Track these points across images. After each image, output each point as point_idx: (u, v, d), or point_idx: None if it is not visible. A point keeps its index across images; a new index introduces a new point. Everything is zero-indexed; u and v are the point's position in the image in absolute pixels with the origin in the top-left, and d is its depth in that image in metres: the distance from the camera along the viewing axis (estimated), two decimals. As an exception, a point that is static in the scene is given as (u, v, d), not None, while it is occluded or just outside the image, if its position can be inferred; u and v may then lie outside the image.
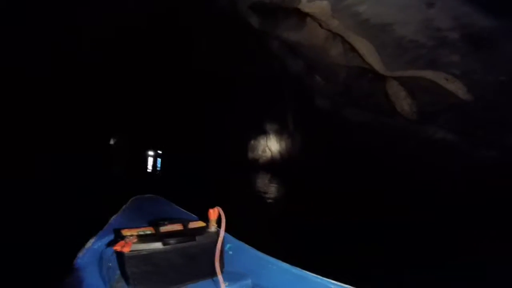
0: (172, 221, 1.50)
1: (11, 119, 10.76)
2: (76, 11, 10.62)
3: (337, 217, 6.19)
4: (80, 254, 1.37)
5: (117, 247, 1.22)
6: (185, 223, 1.50)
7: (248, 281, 1.47)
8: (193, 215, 2.02)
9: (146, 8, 13.03)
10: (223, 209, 1.44)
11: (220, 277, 1.30)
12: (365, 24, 7.45)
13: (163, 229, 1.41)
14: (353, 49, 8.08)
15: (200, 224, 1.56)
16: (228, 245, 1.64)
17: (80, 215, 3.93)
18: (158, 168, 14.90)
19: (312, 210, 6.97)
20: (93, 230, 1.65)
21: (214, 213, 1.47)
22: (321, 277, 1.37)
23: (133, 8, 12.61)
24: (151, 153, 22.71)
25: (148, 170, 13.78)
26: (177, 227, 1.47)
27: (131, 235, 1.29)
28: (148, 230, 1.39)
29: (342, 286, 1.33)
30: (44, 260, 2.49)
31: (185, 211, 2.18)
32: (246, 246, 1.67)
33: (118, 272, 1.36)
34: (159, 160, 20.13)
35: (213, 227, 1.50)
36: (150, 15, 13.58)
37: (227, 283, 1.34)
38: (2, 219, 3.64)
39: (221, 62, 14.48)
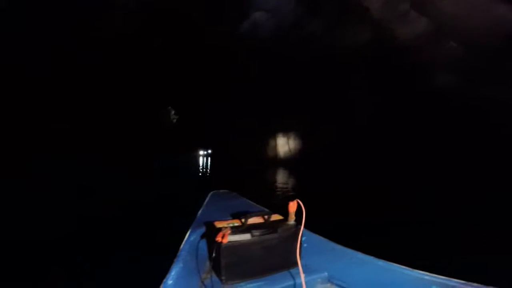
0: (254, 214, 1.43)
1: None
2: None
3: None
4: (181, 246, 1.46)
5: (218, 238, 1.24)
6: (265, 216, 1.43)
7: (325, 273, 1.38)
8: (265, 209, 1.88)
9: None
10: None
11: (300, 268, 1.23)
12: None
13: (249, 221, 1.38)
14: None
15: (278, 217, 1.48)
16: (303, 238, 1.47)
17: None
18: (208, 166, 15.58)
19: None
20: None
21: (293, 205, 1.38)
22: (410, 268, 1.22)
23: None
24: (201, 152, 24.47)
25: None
26: (259, 219, 1.43)
27: (224, 227, 1.31)
28: (235, 223, 1.39)
29: (442, 278, 1.15)
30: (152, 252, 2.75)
31: (256, 204, 2.19)
32: (321, 238, 1.59)
33: (208, 263, 1.37)
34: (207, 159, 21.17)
35: (292, 220, 1.42)
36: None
37: (303, 275, 1.25)
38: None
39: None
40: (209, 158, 22.04)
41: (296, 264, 1.30)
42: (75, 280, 2.48)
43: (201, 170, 13.57)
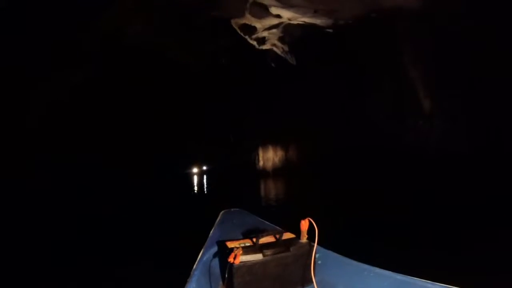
0: (265, 233, 1.48)
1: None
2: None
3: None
4: (195, 266, 1.46)
5: (230, 259, 1.26)
6: (276, 235, 1.49)
7: None
8: (277, 227, 2.00)
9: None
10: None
11: (315, 285, 1.27)
12: None
13: (260, 241, 1.40)
14: None
15: (290, 235, 1.53)
16: (317, 255, 1.50)
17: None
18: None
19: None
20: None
21: (305, 224, 1.43)
22: (431, 281, 1.18)
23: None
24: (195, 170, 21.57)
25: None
26: (271, 238, 1.47)
27: (236, 247, 1.32)
28: (247, 242, 1.41)
29: None
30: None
31: (268, 223, 2.19)
32: (336, 254, 1.60)
33: (221, 282, 1.39)
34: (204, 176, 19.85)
35: (304, 238, 1.46)
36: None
37: None
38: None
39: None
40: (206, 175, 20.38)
41: (310, 281, 1.31)
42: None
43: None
